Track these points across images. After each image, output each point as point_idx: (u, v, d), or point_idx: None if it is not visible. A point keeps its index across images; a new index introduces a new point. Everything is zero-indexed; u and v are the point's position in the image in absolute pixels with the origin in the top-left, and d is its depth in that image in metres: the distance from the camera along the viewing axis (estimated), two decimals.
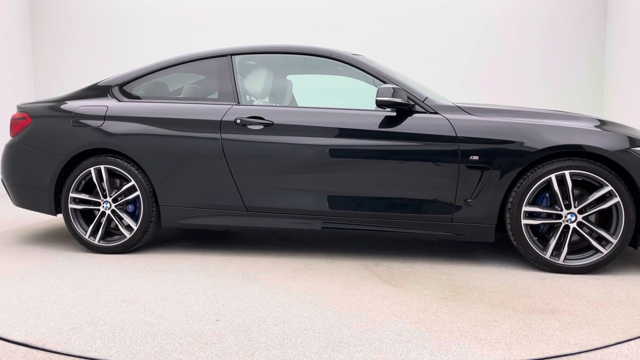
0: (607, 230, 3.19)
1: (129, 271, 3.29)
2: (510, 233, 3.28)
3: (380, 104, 3.29)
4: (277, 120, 3.51)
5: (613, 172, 3.13)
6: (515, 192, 3.23)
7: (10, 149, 3.99)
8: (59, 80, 7.93)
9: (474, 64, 7.07)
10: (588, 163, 3.14)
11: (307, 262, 3.48)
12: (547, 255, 3.22)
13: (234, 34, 7.36)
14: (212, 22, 7.50)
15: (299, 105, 4.40)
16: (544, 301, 2.71)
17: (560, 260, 3.20)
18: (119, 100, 3.85)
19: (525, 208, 3.22)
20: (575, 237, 3.25)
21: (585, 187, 3.27)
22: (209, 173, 3.59)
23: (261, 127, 3.51)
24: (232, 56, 3.81)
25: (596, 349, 2.17)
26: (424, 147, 3.32)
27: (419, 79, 4.75)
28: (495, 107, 3.44)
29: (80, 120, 3.81)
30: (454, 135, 3.27)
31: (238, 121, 3.54)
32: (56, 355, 2.07)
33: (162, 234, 4.40)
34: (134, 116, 3.73)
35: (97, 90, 3.95)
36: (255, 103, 3.86)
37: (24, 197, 3.99)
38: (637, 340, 2.28)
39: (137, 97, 3.90)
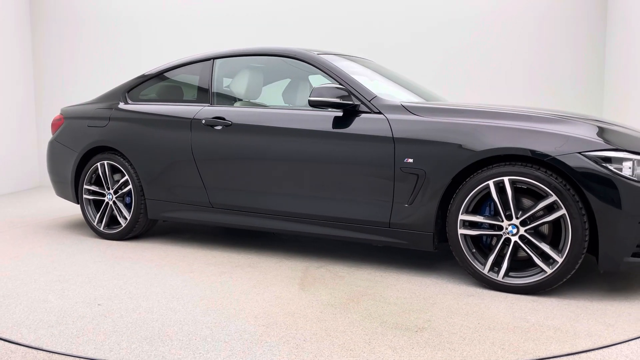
0: (556, 247, 2.78)
1: (101, 256, 3.68)
2: (449, 243, 3.01)
3: (313, 104, 3.24)
4: (235, 120, 3.63)
5: (560, 180, 2.71)
6: (453, 198, 2.96)
7: (50, 146, 4.69)
8: (60, 80, 7.77)
9: (472, 63, 6.54)
10: (530, 169, 2.76)
11: (257, 260, 3.56)
12: (485, 270, 2.90)
13: (239, 35, 7.14)
14: (219, 23, 7.22)
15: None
16: (428, 319, 2.47)
17: (499, 277, 2.86)
18: (126, 103, 4.29)
19: (462, 216, 2.94)
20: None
21: (538, 197, 2.86)
22: (181, 170, 3.85)
23: (222, 127, 3.67)
24: (215, 60, 4.01)
25: (596, 348, 2.13)
26: (363, 149, 3.19)
27: (417, 79, 4.51)
28: (446, 107, 3.16)
29: (93, 121, 4.33)
30: (391, 136, 3.10)
31: (204, 121, 3.74)
32: (56, 355, 2.13)
33: (173, 226, 4.77)
34: (127, 117, 4.15)
35: (116, 95, 4.44)
36: (236, 105, 4.00)
37: (58, 188, 4.66)
38: (637, 340, 2.23)
39: (138, 100, 4.30)
